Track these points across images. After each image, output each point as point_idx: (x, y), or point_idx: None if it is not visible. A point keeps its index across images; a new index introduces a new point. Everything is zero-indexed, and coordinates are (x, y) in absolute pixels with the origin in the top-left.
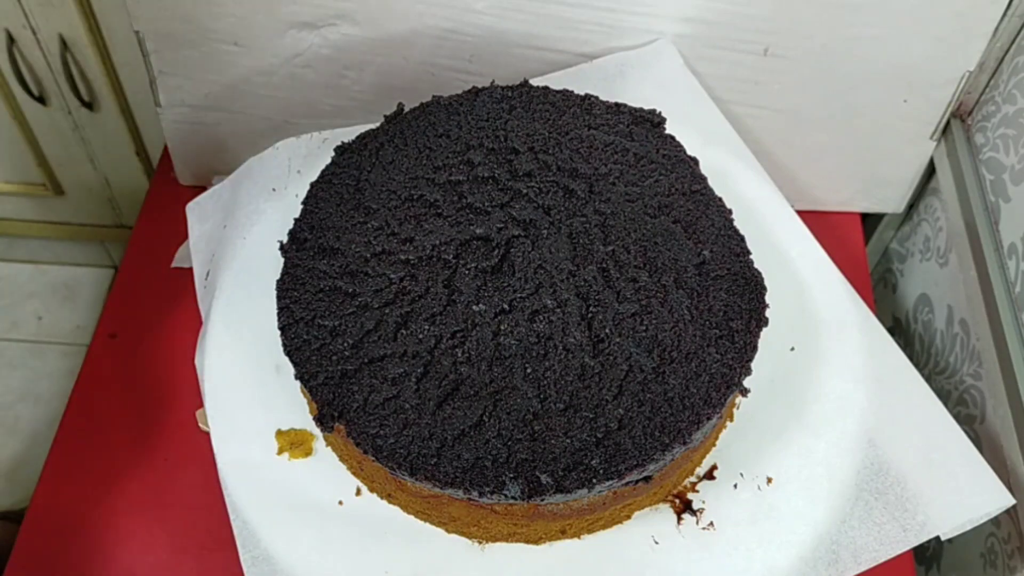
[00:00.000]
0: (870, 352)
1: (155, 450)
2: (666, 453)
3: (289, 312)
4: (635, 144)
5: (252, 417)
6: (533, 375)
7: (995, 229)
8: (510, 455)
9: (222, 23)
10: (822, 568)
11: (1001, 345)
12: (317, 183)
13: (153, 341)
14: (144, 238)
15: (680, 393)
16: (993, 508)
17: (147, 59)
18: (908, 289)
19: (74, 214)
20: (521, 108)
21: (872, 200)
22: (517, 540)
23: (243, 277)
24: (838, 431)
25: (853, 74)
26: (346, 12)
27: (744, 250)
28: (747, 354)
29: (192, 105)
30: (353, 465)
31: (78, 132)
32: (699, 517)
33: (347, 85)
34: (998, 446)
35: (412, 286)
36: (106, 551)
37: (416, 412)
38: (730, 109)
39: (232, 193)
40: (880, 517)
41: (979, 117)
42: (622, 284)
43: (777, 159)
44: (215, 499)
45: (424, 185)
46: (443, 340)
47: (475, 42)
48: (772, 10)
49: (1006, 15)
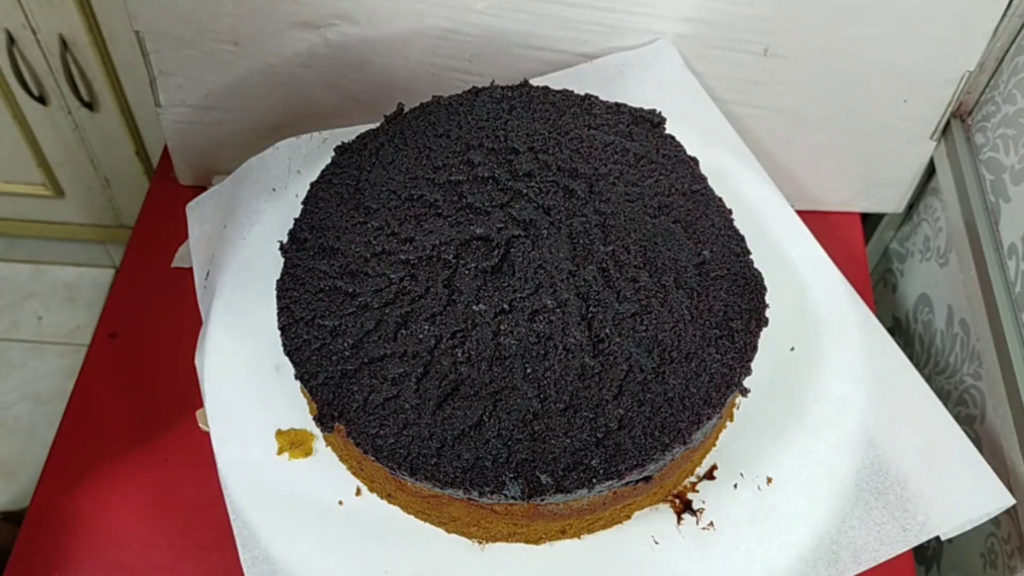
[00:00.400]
0: (870, 352)
1: (155, 450)
2: (666, 453)
3: (289, 312)
4: (635, 144)
5: (252, 417)
6: (533, 375)
7: (995, 229)
8: (510, 455)
9: (222, 23)
10: (822, 568)
11: (1001, 345)
12: (317, 183)
13: (153, 341)
14: (144, 238)
15: (680, 393)
16: (993, 508)
17: (147, 59)
18: (908, 289)
19: (74, 214)
20: (521, 108)
21: (872, 200)
22: (517, 540)
23: (243, 277)
24: (838, 431)
25: (853, 74)
26: (346, 12)
27: (744, 250)
28: (747, 354)
29: (192, 105)
30: (353, 465)
31: (78, 132)
32: (699, 517)
33: (347, 85)
34: (998, 446)
35: (412, 286)
36: (106, 551)
37: (416, 412)
38: (730, 109)
39: (232, 193)
40: (880, 517)
41: (979, 117)
42: (622, 284)
43: (777, 159)
44: (215, 499)
45: (424, 185)
46: (443, 340)
47: (475, 42)
48: (772, 10)
49: (1006, 15)
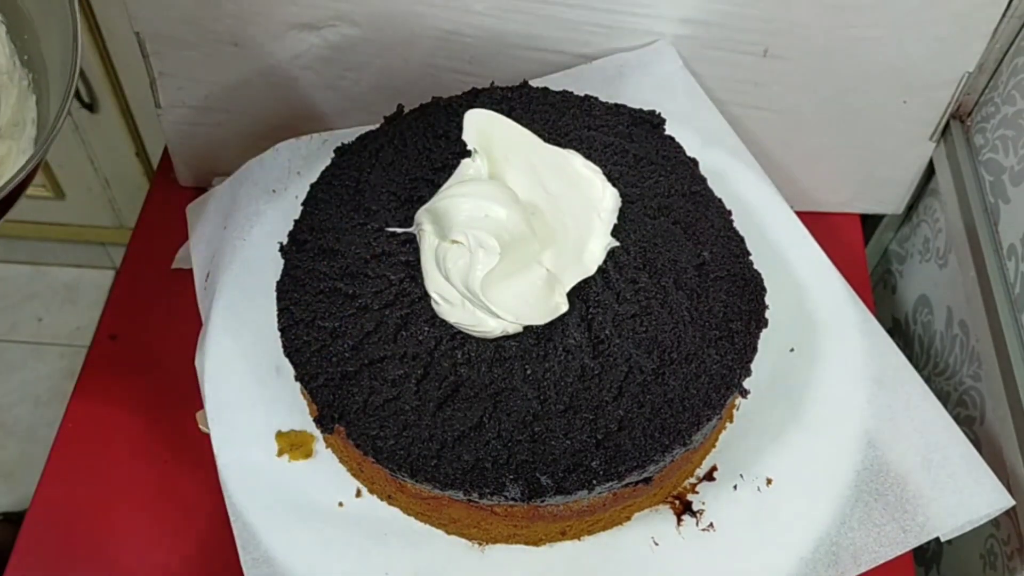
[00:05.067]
0: (870, 353)
1: (155, 451)
2: (666, 454)
3: (289, 313)
4: (635, 145)
5: (252, 418)
6: (533, 376)
7: (994, 230)
8: (510, 456)
9: (222, 24)
10: (822, 569)
11: (1000, 346)
12: (317, 184)
13: (153, 343)
14: (144, 239)
15: (680, 394)
16: (993, 509)
17: (147, 60)
18: (907, 290)
19: (74, 215)
20: (521, 109)
21: (871, 201)
22: (517, 541)
23: (243, 278)
24: (838, 432)
25: (853, 75)
26: (346, 13)
27: (744, 251)
28: (747, 355)
29: (192, 106)
30: (353, 467)
31: (78, 133)
32: (699, 518)
33: (347, 86)
34: (997, 447)
35: (412, 288)
36: (106, 552)
37: (416, 413)
38: (729, 110)
39: (232, 194)
40: (880, 518)
41: (978, 118)
42: (622, 285)
43: (777, 160)
44: (215, 500)
45: (424, 186)
46: (443, 342)
47: (475, 43)
48: (772, 11)
49: (1005, 16)
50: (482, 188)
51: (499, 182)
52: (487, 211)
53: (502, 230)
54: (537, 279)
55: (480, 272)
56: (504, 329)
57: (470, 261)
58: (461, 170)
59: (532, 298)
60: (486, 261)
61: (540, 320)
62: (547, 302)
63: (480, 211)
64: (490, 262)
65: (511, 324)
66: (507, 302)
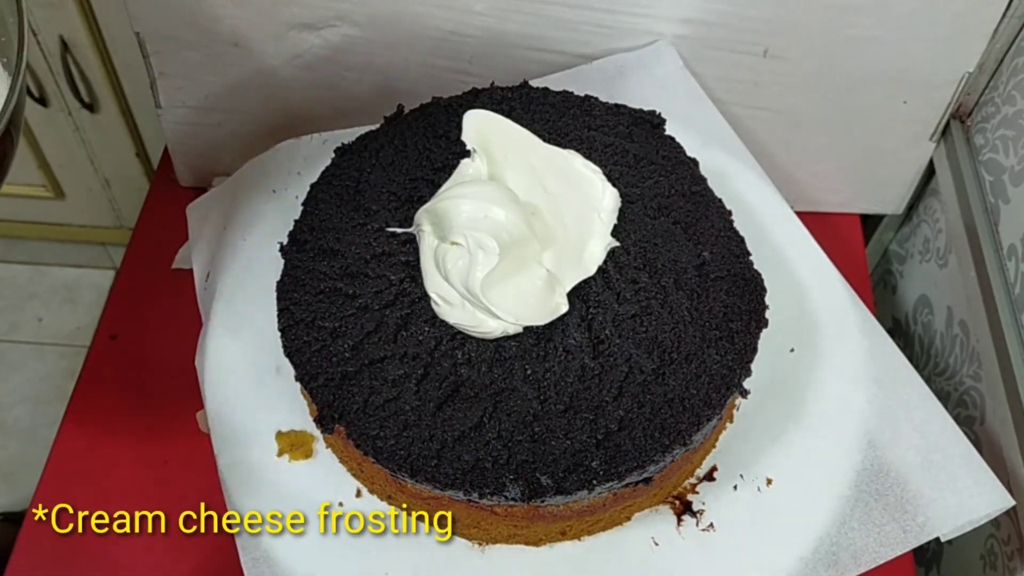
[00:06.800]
0: (870, 353)
1: (155, 451)
2: (666, 454)
3: (289, 313)
4: (635, 145)
5: (252, 418)
6: (533, 376)
7: (995, 230)
8: (510, 456)
9: (222, 24)
10: (822, 569)
11: (1001, 346)
12: (317, 184)
13: (153, 343)
14: (144, 239)
15: (680, 394)
16: (993, 509)
17: (147, 60)
18: (908, 290)
19: (74, 215)
20: (521, 109)
21: (872, 201)
22: (517, 542)
23: (243, 278)
24: (838, 432)
25: (853, 75)
26: (346, 13)
27: (744, 251)
28: (747, 355)
29: (192, 106)
30: (353, 467)
31: (78, 134)
32: (699, 518)
33: (347, 86)
34: (998, 447)
35: (412, 288)
36: (106, 552)
37: (416, 414)
38: (729, 110)
39: (232, 194)
40: (880, 518)
41: (979, 118)
42: (622, 285)
43: (776, 160)
44: (215, 500)
45: (424, 186)
46: (443, 342)
47: (475, 43)
48: (772, 11)
49: (1005, 16)
50: (482, 189)
51: (499, 183)
52: (487, 212)
53: (502, 231)
54: (537, 279)
55: (480, 273)
56: (504, 330)
57: (470, 262)
58: (461, 170)
59: (532, 299)
60: (486, 262)
61: (540, 320)
62: (547, 302)
63: (480, 212)
64: (490, 263)
65: (511, 325)
66: (507, 303)
